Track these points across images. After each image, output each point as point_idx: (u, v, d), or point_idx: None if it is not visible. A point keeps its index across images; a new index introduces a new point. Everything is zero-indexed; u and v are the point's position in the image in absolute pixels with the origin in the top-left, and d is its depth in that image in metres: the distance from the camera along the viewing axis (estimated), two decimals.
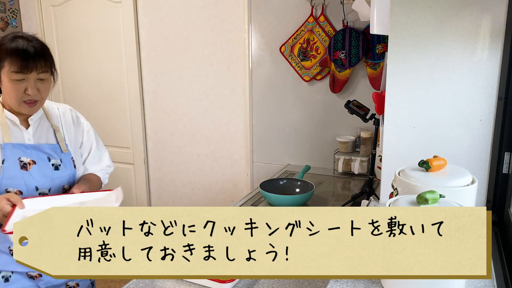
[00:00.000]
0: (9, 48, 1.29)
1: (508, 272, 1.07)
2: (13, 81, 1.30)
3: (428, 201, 0.83)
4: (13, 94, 1.32)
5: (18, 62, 1.28)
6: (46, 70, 1.34)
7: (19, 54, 1.29)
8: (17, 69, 1.28)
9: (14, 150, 1.36)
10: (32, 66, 1.30)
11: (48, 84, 1.38)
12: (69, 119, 1.53)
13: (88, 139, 1.56)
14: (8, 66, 1.29)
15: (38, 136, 1.43)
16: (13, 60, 1.28)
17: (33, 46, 1.32)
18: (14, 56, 1.28)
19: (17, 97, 1.32)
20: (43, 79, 1.35)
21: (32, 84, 1.32)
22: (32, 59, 1.30)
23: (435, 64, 1.32)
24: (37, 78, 1.33)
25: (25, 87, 1.31)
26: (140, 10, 2.88)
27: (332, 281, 0.96)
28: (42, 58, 1.33)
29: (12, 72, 1.29)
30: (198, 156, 2.93)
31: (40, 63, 1.32)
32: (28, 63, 1.29)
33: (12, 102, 1.34)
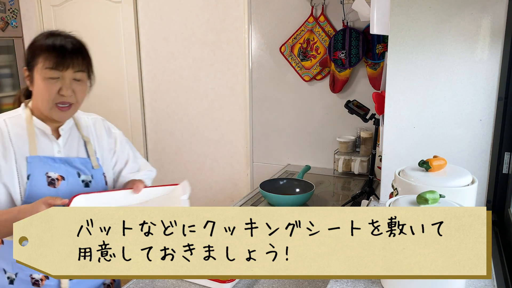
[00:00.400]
0: (45, 44, 1.17)
1: (508, 272, 1.07)
2: (47, 80, 1.16)
3: (428, 201, 0.83)
4: (45, 95, 1.17)
5: (54, 57, 1.15)
6: (83, 69, 1.21)
7: (55, 49, 1.16)
8: (52, 65, 1.15)
9: (41, 163, 1.20)
10: (68, 62, 1.16)
11: (84, 87, 1.24)
12: (101, 129, 1.38)
13: (122, 149, 1.40)
14: (42, 63, 1.15)
15: (68, 148, 1.28)
16: (48, 56, 1.15)
17: (71, 42, 1.20)
18: (49, 51, 1.16)
19: (50, 98, 1.17)
20: (80, 79, 1.21)
21: (67, 83, 1.17)
22: (69, 55, 1.17)
23: (435, 64, 1.32)
24: (73, 77, 1.19)
25: (59, 86, 1.17)
26: (140, 10, 2.88)
27: (332, 281, 0.96)
28: (80, 55, 1.20)
29: (46, 68, 1.15)
30: (198, 156, 2.93)
31: (77, 60, 1.19)
32: (65, 59, 1.16)
33: (43, 105, 1.19)
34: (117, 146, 1.39)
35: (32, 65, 1.18)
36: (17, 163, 1.19)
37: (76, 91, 1.20)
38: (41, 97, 1.18)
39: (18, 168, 1.19)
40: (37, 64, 1.16)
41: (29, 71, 1.20)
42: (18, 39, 3.35)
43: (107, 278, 1.42)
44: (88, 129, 1.35)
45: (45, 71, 1.15)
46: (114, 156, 1.39)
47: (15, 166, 1.19)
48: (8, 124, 1.22)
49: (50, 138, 1.25)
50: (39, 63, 1.16)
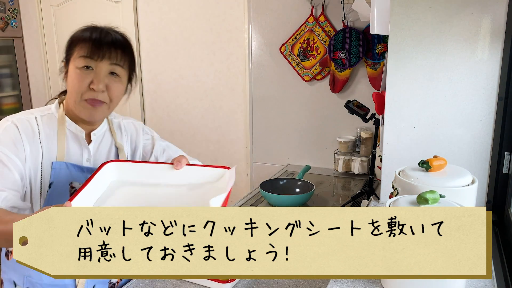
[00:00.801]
0: (83, 34, 1.07)
1: (508, 272, 1.07)
2: (79, 69, 1.05)
3: (428, 201, 0.83)
4: (76, 85, 1.05)
5: (89, 46, 1.04)
6: (122, 63, 1.08)
7: (92, 39, 1.05)
8: (86, 53, 1.04)
9: (67, 172, 1.08)
10: (105, 51, 1.04)
11: (121, 85, 1.10)
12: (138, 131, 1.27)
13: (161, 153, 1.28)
14: (77, 51, 1.05)
15: (98, 155, 1.16)
16: (84, 44, 1.05)
17: (112, 33, 1.09)
18: (86, 40, 1.05)
19: (79, 90, 1.05)
20: (117, 74, 1.08)
21: (101, 76, 1.05)
22: (107, 46, 1.05)
23: (435, 64, 1.32)
24: (110, 70, 1.06)
25: (91, 79, 1.04)
26: (140, 10, 2.88)
27: (332, 281, 0.96)
28: (120, 48, 1.08)
29: (80, 57, 1.04)
30: (198, 156, 2.92)
31: (115, 52, 1.06)
32: (101, 48, 1.04)
33: (72, 99, 1.07)
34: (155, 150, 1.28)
35: (68, 57, 1.09)
36: (42, 168, 1.07)
37: (110, 88, 1.07)
38: (72, 88, 1.07)
39: (42, 173, 1.07)
40: (73, 54, 1.07)
41: (65, 65, 1.12)
42: (18, 39, 3.35)
43: (107, 278, 1.41)
44: (122, 135, 1.23)
45: (78, 60, 1.05)
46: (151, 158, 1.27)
47: (40, 171, 1.07)
48: (40, 123, 1.09)
49: (82, 143, 1.13)
50: (75, 52, 1.06)
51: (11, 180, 1.00)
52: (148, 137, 1.30)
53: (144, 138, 1.29)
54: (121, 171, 1.01)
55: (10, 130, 1.04)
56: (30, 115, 1.09)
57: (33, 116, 1.10)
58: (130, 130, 1.27)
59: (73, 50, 1.07)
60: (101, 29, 1.09)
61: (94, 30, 1.08)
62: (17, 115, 1.08)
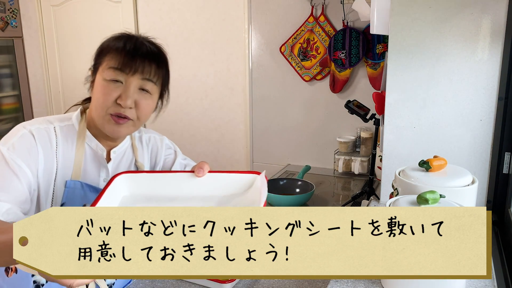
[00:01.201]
0: (115, 43, 0.98)
1: (508, 272, 1.07)
2: (106, 82, 0.95)
3: (429, 201, 0.83)
4: (101, 99, 0.95)
5: (121, 57, 0.94)
6: (155, 79, 0.99)
7: (125, 50, 0.95)
8: (117, 65, 0.94)
9: (81, 192, 0.98)
10: (137, 65, 0.95)
11: (151, 102, 1.00)
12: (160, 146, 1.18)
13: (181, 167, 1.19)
14: (107, 61, 0.96)
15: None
16: (115, 55, 0.95)
17: (147, 45, 1.00)
18: (118, 50, 0.96)
19: (105, 104, 0.95)
20: (147, 90, 0.98)
21: (130, 91, 0.95)
22: (141, 58, 0.96)
23: (435, 64, 1.32)
24: (140, 86, 0.97)
25: (119, 93, 0.95)
26: (140, 10, 2.88)
27: (332, 281, 0.96)
28: (155, 62, 0.98)
29: (109, 68, 0.94)
30: (198, 156, 2.93)
31: (149, 66, 0.97)
32: (134, 61, 0.94)
33: (96, 112, 0.97)
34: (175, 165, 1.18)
35: (96, 66, 1.00)
36: (55, 185, 0.97)
37: (139, 104, 0.97)
38: (96, 102, 0.97)
39: (55, 191, 0.97)
40: (102, 63, 0.97)
41: (92, 74, 1.02)
42: (18, 39, 3.35)
43: (107, 278, 1.40)
44: (143, 150, 1.14)
45: (107, 71, 0.95)
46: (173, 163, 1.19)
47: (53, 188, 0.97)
48: (58, 135, 0.99)
49: (101, 162, 1.03)
50: (104, 63, 0.97)
51: (19, 192, 0.91)
52: (170, 152, 1.21)
53: (165, 153, 1.20)
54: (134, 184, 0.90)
55: (27, 138, 0.95)
56: (49, 125, 1.00)
57: (52, 126, 1.00)
58: (151, 144, 1.18)
59: (102, 59, 0.98)
60: (136, 39, 1.00)
61: (128, 39, 0.98)
62: (35, 124, 0.98)
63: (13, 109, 3.40)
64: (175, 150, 1.22)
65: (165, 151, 1.19)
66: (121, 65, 0.94)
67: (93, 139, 1.03)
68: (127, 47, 0.96)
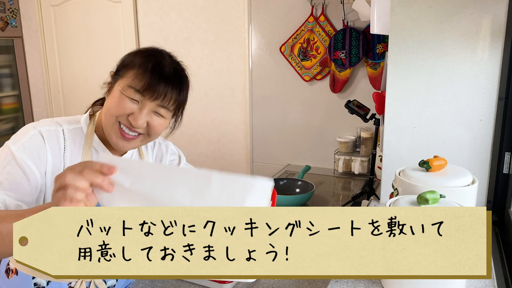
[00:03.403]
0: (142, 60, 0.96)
1: (508, 272, 1.07)
2: (124, 97, 0.94)
3: (429, 201, 0.83)
4: (113, 109, 0.95)
5: (145, 79, 0.93)
6: (172, 107, 0.98)
7: (152, 71, 0.94)
8: (140, 88, 0.93)
9: None
10: (160, 92, 0.94)
11: (164, 122, 1.00)
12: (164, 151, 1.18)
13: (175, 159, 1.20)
14: (130, 79, 0.94)
15: None
16: (140, 75, 0.94)
17: (174, 68, 0.99)
18: (144, 70, 0.94)
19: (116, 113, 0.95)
20: (162, 115, 0.98)
21: (144, 114, 0.95)
22: (165, 83, 0.95)
23: (435, 64, 1.32)
24: (154, 110, 0.97)
25: (132, 111, 0.95)
26: (140, 10, 2.89)
27: (332, 281, 0.96)
28: (177, 89, 0.98)
29: (130, 87, 0.94)
30: (198, 156, 2.93)
31: (171, 93, 0.96)
32: (158, 86, 0.93)
33: (107, 119, 0.97)
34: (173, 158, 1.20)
35: (119, 75, 0.98)
36: None
37: (152, 125, 0.98)
38: (108, 109, 0.96)
39: None
40: (124, 77, 0.96)
41: (112, 79, 1.01)
42: (18, 39, 3.35)
43: (107, 278, 1.39)
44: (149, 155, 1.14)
45: (127, 88, 0.94)
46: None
47: None
48: (67, 137, 1.00)
49: None
50: (126, 77, 0.95)
51: (26, 192, 0.92)
52: (174, 157, 1.21)
53: (170, 158, 1.20)
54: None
55: (36, 139, 0.95)
56: (58, 127, 1.00)
57: (61, 128, 1.00)
58: (156, 149, 1.19)
59: (125, 72, 0.96)
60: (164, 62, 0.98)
61: (156, 61, 0.96)
62: (44, 125, 0.98)
63: (13, 109, 3.40)
64: (179, 155, 1.23)
65: (170, 157, 1.20)
66: (143, 88, 0.93)
67: (100, 144, 1.03)
68: (154, 70, 0.95)
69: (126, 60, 1.00)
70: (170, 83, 0.96)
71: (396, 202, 0.90)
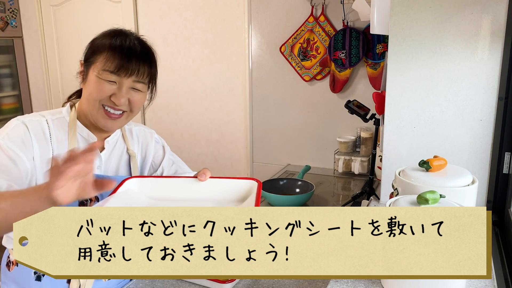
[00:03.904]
0: (110, 42, 1.02)
1: (508, 272, 1.07)
2: (101, 80, 1.01)
3: (429, 201, 0.83)
4: (95, 94, 1.01)
5: (117, 59, 1.00)
6: (146, 80, 1.06)
7: (121, 50, 1.01)
8: (113, 68, 1.00)
9: None
10: (133, 68, 1.01)
11: (143, 96, 1.08)
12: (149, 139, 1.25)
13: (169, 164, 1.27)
14: (103, 62, 1.00)
15: (109, 163, 1.13)
16: (111, 56, 1.00)
17: (140, 44, 1.05)
18: (114, 51, 1.01)
19: (98, 98, 1.02)
20: (139, 90, 1.06)
21: (123, 92, 1.02)
22: (136, 60, 1.02)
23: (435, 64, 1.32)
24: (132, 86, 1.04)
25: (113, 92, 1.02)
26: (140, 10, 2.89)
27: (332, 281, 0.96)
28: (147, 63, 1.05)
29: (105, 70, 1.00)
30: (198, 156, 2.93)
31: (143, 68, 1.03)
32: (129, 63, 1.01)
33: (90, 106, 1.03)
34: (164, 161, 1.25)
35: (90, 61, 1.04)
36: None
37: (132, 101, 1.05)
38: (89, 95, 1.02)
39: None
40: (96, 62, 1.02)
41: (84, 67, 1.06)
42: (18, 39, 3.35)
43: (107, 278, 1.39)
44: (134, 142, 1.20)
45: (103, 73, 1.01)
46: (159, 169, 1.25)
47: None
48: (51, 126, 1.06)
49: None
50: (99, 61, 1.01)
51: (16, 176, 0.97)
52: (159, 147, 1.28)
53: (155, 147, 1.26)
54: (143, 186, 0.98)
55: (20, 128, 1.01)
56: (41, 118, 1.06)
57: (44, 119, 1.06)
58: (141, 137, 1.25)
59: (96, 57, 1.02)
60: (129, 39, 1.04)
61: (122, 39, 1.03)
62: (27, 116, 1.05)
63: (13, 109, 3.40)
64: (163, 145, 1.29)
65: (154, 146, 1.26)
66: (117, 68, 1.00)
67: (84, 129, 1.09)
68: (122, 49, 1.01)
69: (93, 46, 1.06)
70: (141, 58, 1.04)
71: (396, 202, 0.90)
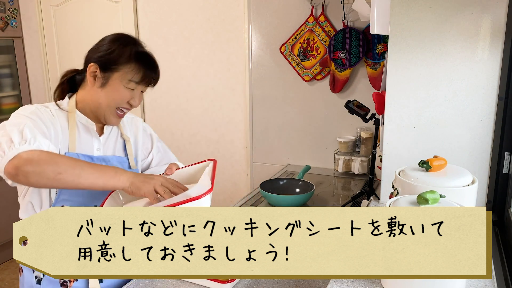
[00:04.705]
0: (131, 52, 1.16)
1: (508, 272, 1.07)
2: (126, 88, 1.16)
3: (429, 201, 0.83)
4: (117, 99, 1.17)
5: (142, 71, 1.16)
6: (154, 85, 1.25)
7: (145, 62, 1.18)
8: (139, 79, 1.16)
9: None
10: (154, 80, 1.21)
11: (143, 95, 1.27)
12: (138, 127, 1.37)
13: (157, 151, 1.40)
14: (129, 73, 1.15)
15: (107, 146, 1.26)
16: (136, 68, 1.16)
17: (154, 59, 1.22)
18: (137, 62, 1.16)
19: (116, 104, 1.18)
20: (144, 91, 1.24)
21: (138, 94, 1.20)
22: (155, 70, 1.20)
23: (435, 64, 1.32)
24: (144, 90, 1.22)
25: (131, 96, 1.19)
26: (140, 10, 2.88)
27: (332, 281, 0.96)
28: (159, 70, 1.23)
29: (130, 80, 1.15)
30: (198, 156, 2.93)
31: (156, 77, 1.22)
32: (152, 74, 1.19)
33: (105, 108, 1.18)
34: (153, 149, 1.39)
35: (112, 68, 1.15)
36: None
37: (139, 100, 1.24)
38: (112, 101, 1.17)
39: None
40: (120, 71, 1.15)
41: (103, 72, 1.16)
42: (18, 39, 3.35)
43: (107, 278, 1.40)
44: (127, 127, 1.34)
45: (128, 82, 1.15)
46: (149, 156, 1.38)
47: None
48: (54, 114, 1.17)
49: (92, 135, 1.22)
50: (123, 71, 1.15)
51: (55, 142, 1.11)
52: (147, 135, 1.40)
53: (143, 135, 1.38)
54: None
55: (38, 111, 1.13)
56: (46, 108, 1.17)
57: (49, 109, 1.18)
58: (131, 124, 1.37)
59: (120, 66, 1.15)
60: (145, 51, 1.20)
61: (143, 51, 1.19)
62: (35, 105, 1.16)
63: (13, 109, 3.36)
64: (150, 134, 1.42)
65: (143, 134, 1.38)
66: (142, 79, 1.17)
67: (83, 117, 1.20)
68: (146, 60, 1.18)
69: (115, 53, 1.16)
70: (157, 68, 1.22)
71: (396, 202, 0.90)
